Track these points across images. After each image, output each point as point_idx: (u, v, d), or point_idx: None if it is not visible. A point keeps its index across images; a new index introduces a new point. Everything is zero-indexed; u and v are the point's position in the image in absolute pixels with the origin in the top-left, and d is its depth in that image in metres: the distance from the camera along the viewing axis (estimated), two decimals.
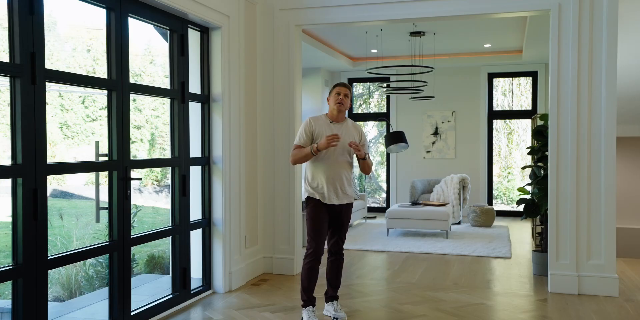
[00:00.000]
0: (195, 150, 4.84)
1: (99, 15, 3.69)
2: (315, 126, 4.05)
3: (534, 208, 5.56)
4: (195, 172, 4.85)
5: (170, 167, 4.44)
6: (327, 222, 4.07)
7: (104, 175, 3.76)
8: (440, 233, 8.01)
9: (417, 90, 8.52)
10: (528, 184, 5.87)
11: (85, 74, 3.64)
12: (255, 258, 5.55)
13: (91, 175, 3.80)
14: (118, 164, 3.72)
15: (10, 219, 2.97)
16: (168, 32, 4.44)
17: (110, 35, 3.70)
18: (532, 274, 5.68)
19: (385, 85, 8.94)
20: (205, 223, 4.90)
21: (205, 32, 4.86)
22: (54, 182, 6.70)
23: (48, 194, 3.16)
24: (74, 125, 6.74)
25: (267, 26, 5.60)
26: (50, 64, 4.98)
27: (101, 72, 3.67)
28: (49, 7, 3.17)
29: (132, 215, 6.63)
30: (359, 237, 7.87)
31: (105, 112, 3.75)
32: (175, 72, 4.43)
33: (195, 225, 4.76)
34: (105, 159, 3.69)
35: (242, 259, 5.26)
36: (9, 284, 2.98)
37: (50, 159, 3.15)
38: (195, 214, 4.85)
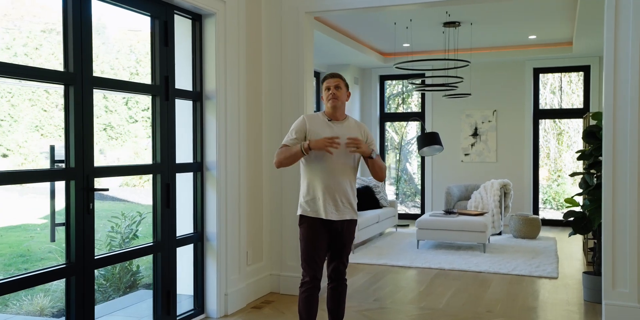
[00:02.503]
0: (186, 155, 4.24)
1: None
2: (310, 125, 3.38)
3: (585, 223, 4.72)
4: (186, 180, 4.26)
5: (151, 175, 3.84)
6: (326, 243, 3.39)
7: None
8: (477, 246, 7.20)
9: (451, 87, 7.71)
10: (578, 194, 5.03)
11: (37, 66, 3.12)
12: (260, 276, 4.91)
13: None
14: (77, 172, 3.13)
15: None
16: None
17: (67, 19, 3.12)
18: (582, 300, 4.84)
19: (416, 81, 8.17)
20: (197, 238, 4.29)
21: (197, 19, 4.26)
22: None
23: None
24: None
25: (274, 13, 4.96)
26: None
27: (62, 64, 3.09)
28: None
29: (135, 224, 6.11)
30: (386, 249, 7.13)
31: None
32: (157, 65, 3.83)
33: (184, 241, 4.15)
34: (63, 165, 3.12)
35: (242, 278, 4.63)
36: None
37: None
38: (186, 227, 4.25)
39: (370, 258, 6.54)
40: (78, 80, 3.14)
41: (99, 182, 3.28)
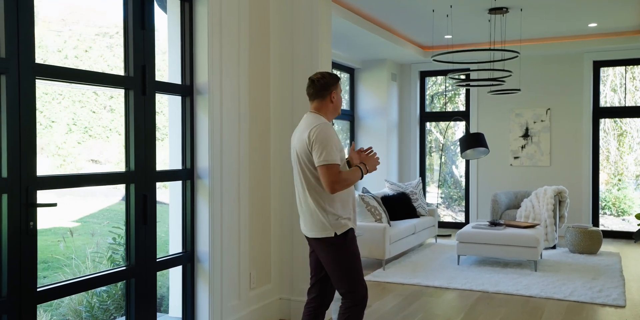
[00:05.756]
0: (174, 161, 3.60)
1: None
2: None
3: None
4: (175, 190, 3.61)
5: (124, 184, 3.20)
6: None
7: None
8: (527, 263, 6.29)
9: (498, 82, 6.82)
10: None
11: None
12: (267, 301, 4.22)
13: None
14: (13, 184, 2.51)
15: None
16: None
17: None
18: None
19: (457, 76, 7.32)
20: (187, 258, 3.63)
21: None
22: None
23: None
24: None
25: None
26: None
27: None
28: None
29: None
30: (422, 265, 6.32)
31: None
32: (130, 53, 3.18)
33: (168, 263, 3.50)
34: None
35: (244, 305, 3.94)
36: None
37: None
38: (175, 245, 3.61)
39: (403, 276, 5.75)
40: (13, 68, 2.51)
41: (46, 195, 2.66)
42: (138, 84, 3.20)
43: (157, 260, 3.36)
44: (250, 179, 4.00)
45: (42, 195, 2.64)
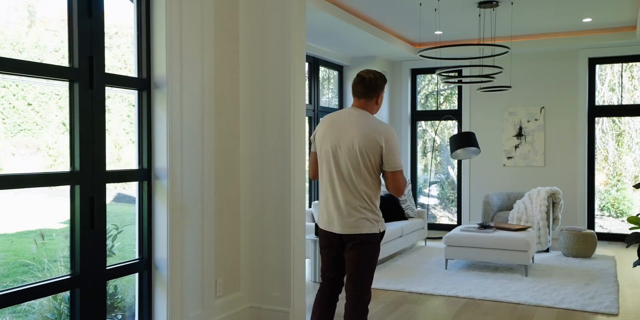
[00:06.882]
0: (130, 160, 3.34)
1: None
2: None
3: None
4: (130, 192, 3.36)
5: (68, 186, 2.94)
6: None
7: None
8: (518, 267, 6.02)
9: (488, 79, 6.56)
10: None
11: None
12: (236, 310, 3.96)
13: None
14: None
15: None
16: None
17: None
18: None
19: (446, 73, 7.04)
20: (143, 265, 3.37)
21: None
22: None
23: None
24: None
25: None
26: None
27: None
28: None
29: (111, 239, 5.29)
30: (409, 269, 6.05)
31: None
32: (75, 42, 2.92)
33: (121, 271, 3.24)
34: None
35: (209, 314, 3.68)
36: None
37: None
38: (122, 252, 3.35)
39: (387, 281, 5.49)
40: None
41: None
42: (84, 76, 2.94)
43: (108, 268, 3.10)
44: (216, 179, 3.74)
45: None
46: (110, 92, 3.29)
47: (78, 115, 2.90)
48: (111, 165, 3.45)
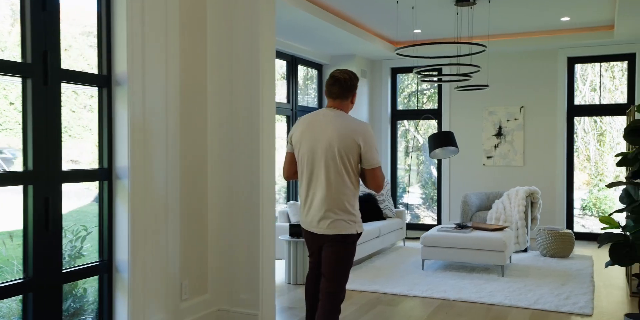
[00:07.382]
0: (90, 159, 3.24)
1: None
2: None
3: (628, 251, 3.52)
4: (90, 192, 3.25)
5: (21, 186, 2.83)
6: None
7: None
8: (494, 268, 5.98)
9: (464, 78, 6.50)
10: (618, 211, 3.83)
11: None
12: (203, 313, 3.86)
13: None
14: None
15: None
16: None
17: None
18: None
19: (419, 70, 6.99)
20: (104, 268, 3.27)
21: None
22: None
23: None
24: None
25: None
26: None
27: None
28: None
29: (80, 240, 5.17)
30: (385, 270, 5.99)
31: None
32: (28, 37, 2.81)
33: (81, 273, 3.13)
34: None
35: (174, 317, 3.58)
36: None
37: None
38: (91, 253, 3.25)
39: (362, 282, 5.41)
40: None
41: None
42: (38, 72, 2.83)
43: (64, 271, 2.99)
44: (181, 178, 3.64)
45: None
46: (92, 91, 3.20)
47: (31, 113, 2.79)
48: (93, 164, 3.35)
